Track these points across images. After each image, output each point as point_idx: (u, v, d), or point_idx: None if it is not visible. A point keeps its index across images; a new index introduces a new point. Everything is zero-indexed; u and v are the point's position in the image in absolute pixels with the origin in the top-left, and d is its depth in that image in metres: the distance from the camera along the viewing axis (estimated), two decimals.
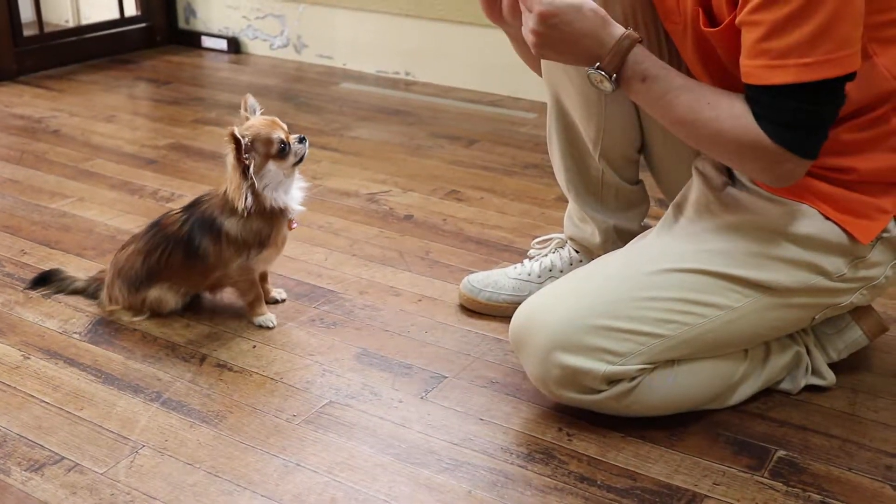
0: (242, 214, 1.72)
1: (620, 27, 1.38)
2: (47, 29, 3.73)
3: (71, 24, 4.16)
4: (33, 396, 1.60)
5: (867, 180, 1.44)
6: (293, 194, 1.78)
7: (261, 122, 1.72)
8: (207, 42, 3.97)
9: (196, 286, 1.85)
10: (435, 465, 1.44)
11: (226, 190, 1.74)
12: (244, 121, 1.74)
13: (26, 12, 3.63)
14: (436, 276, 2.03)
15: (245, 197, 1.70)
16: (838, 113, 1.33)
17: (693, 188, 1.55)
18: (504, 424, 1.54)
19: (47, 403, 1.58)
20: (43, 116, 3.10)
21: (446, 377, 1.66)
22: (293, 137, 1.73)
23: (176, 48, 3.98)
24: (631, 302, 1.44)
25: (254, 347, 1.76)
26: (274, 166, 1.72)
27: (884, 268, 1.50)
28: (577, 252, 1.87)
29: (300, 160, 1.75)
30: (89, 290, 1.90)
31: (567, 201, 1.87)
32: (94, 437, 1.50)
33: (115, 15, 3.89)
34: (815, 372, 1.61)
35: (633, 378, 1.45)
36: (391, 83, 3.51)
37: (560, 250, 1.89)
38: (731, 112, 1.34)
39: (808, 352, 1.61)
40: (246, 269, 1.79)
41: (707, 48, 1.42)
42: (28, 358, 1.71)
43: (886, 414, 1.56)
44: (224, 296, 1.90)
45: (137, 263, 1.80)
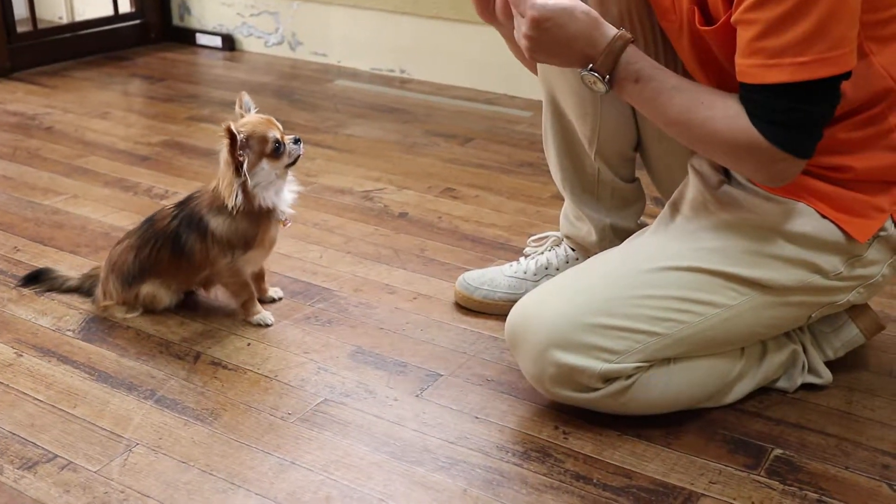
0: (231, 212, 1.71)
1: (613, 28, 1.37)
2: (41, 25, 3.72)
3: (65, 21, 4.15)
4: (26, 394, 1.59)
5: (864, 179, 1.43)
6: (284, 196, 1.77)
7: (257, 120, 1.71)
8: (202, 39, 3.96)
9: (186, 283, 1.84)
10: (430, 464, 1.43)
11: (215, 187, 1.73)
12: (239, 118, 1.73)
13: (20, 9, 3.62)
14: (431, 274, 2.02)
15: (236, 194, 1.69)
16: (834, 112, 1.33)
17: (689, 186, 1.55)
18: (500, 423, 1.53)
19: (40, 401, 1.57)
20: (36, 113, 3.09)
21: (442, 375, 1.66)
22: (288, 138, 1.72)
23: (170, 45, 3.97)
24: (627, 300, 1.44)
25: (248, 345, 1.75)
26: (267, 165, 1.71)
27: (880, 266, 1.50)
28: (573, 250, 1.87)
29: (294, 161, 1.74)
30: (83, 288, 1.90)
31: (563, 199, 1.87)
32: (88, 435, 1.49)
33: (109, 12, 3.88)
34: (812, 370, 1.61)
35: (630, 376, 1.44)
36: (386, 81, 3.50)
37: (556, 248, 1.89)
38: (726, 112, 1.34)
39: (805, 350, 1.60)
40: (234, 271, 1.78)
41: (703, 46, 1.42)
42: (21, 355, 1.70)
43: (883, 412, 1.56)
44: (218, 294, 1.89)
45: (129, 258, 1.79)
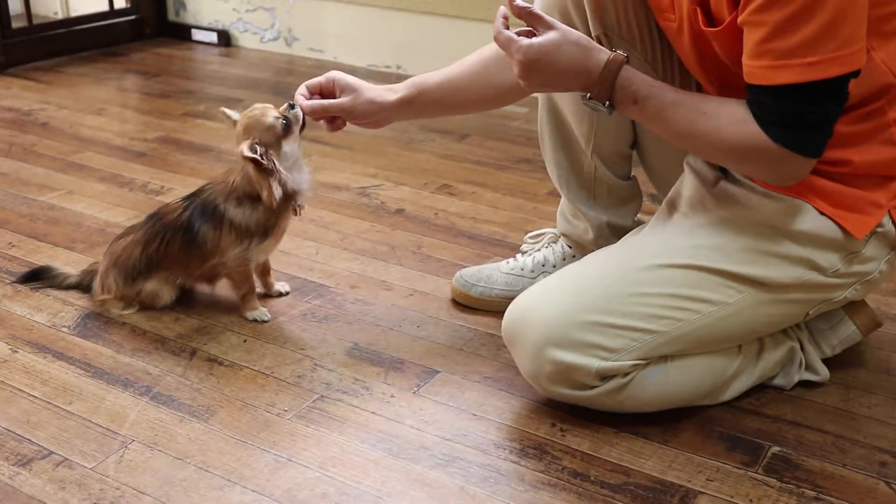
0: (273, 207, 1.69)
1: (605, 52, 1.38)
2: (36, 21, 3.71)
3: (60, 17, 4.13)
4: (21, 390, 1.58)
5: (861, 173, 1.43)
6: (304, 174, 1.76)
7: (251, 117, 1.70)
8: (197, 35, 3.95)
9: (192, 274, 1.83)
10: (427, 461, 1.43)
11: (233, 180, 1.72)
12: (233, 125, 1.72)
13: (15, 4, 3.60)
14: (428, 271, 2.02)
15: (277, 192, 1.68)
16: (842, 111, 1.32)
17: (686, 184, 1.54)
18: (497, 420, 1.53)
19: (35, 397, 1.57)
20: (31, 109, 3.08)
21: (439, 372, 1.65)
22: (283, 108, 1.72)
23: (166, 41, 3.96)
24: (624, 298, 1.44)
25: (244, 342, 1.75)
26: (287, 145, 1.71)
27: (877, 263, 1.49)
28: (570, 248, 1.87)
29: (303, 126, 1.73)
30: (83, 284, 1.89)
31: (559, 196, 1.87)
32: (83, 432, 1.48)
33: (105, 7, 3.87)
34: (809, 367, 1.61)
35: (627, 374, 1.44)
36: (382, 77, 3.49)
37: (553, 245, 1.89)
38: (731, 119, 1.34)
39: (802, 347, 1.60)
40: (243, 260, 1.78)
41: (704, 46, 1.42)
42: (16, 352, 1.70)
43: (880, 410, 1.56)
44: (217, 289, 1.89)
45: (136, 253, 1.78)
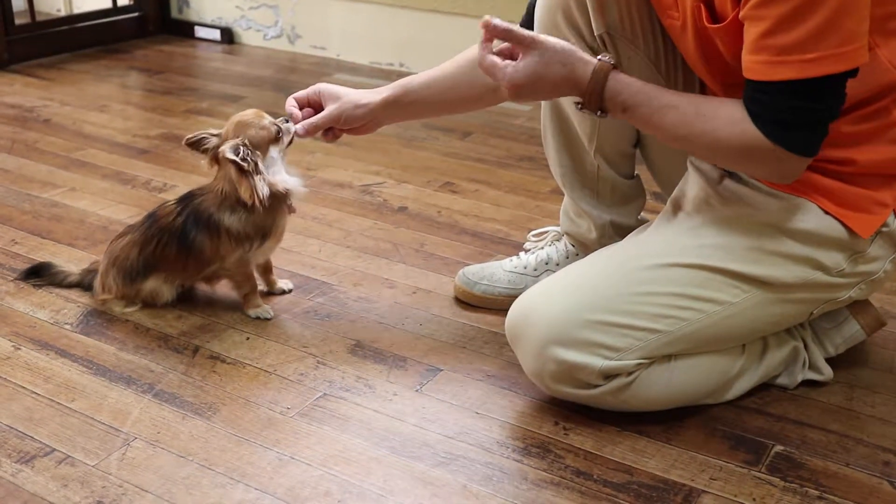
0: (260, 209, 1.70)
1: (591, 62, 1.38)
2: (39, 18, 3.71)
3: (63, 13, 4.13)
4: (24, 388, 1.58)
5: (866, 172, 1.43)
6: (293, 177, 1.77)
7: (245, 118, 1.71)
8: (200, 32, 3.95)
9: (191, 278, 1.84)
10: (430, 459, 1.43)
11: (222, 188, 1.72)
12: (218, 138, 1.72)
13: (18, 1, 3.60)
14: (430, 269, 2.02)
15: (261, 192, 1.68)
16: (840, 110, 1.32)
17: (690, 183, 1.54)
18: (500, 418, 1.53)
19: (38, 395, 1.57)
20: (34, 105, 3.08)
21: (441, 370, 1.65)
22: (279, 119, 1.74)
23: (169, 38, 3.96)
24: (628, 297, 1.44)
25: (247, 339, 1.74)
26: (275, 151, 1.72)
27: (882, 262, 1.49)
28: (574, 246, 1.86)
29: (290, 141, 1.75)
30: (84, 283, 1.89)
31: (562, 194, 1.86)
32: (86, 429, 1.48)
33: (108, 4, 3.87)
34: (813, 367, 1.60)
35: (630, 373, 1.44)
36: (385, 74, 3.49)
37: (556, 243, 1.88)
38: (727, 119, 1.34)
39: (806, 346, 1.60)
40: (244, 262, 1.78)
41: (709, 44, 1.41)
42: (19, 349, 1.70)
43: (884, 409, 1.55)
44: (218, 288, 1.89)
45: (133, 254, 1.78)
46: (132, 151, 2.69)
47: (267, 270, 1.89)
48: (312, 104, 1.71)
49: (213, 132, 1.74)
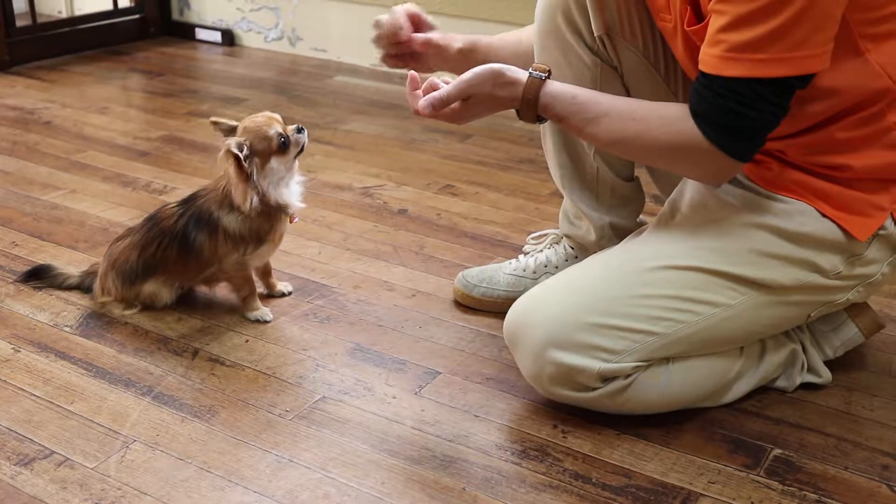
0: (249, 214, 1.70)
1: (521, 80, 1.42)
2: (40, 20, 3.71)
3: (64, 15, 4.14)
4: (24, 390, 1.59)
5: (863, 177, 1.43)
6: (293, 189, 1.77)
7: (255, 122, 1.70)
8: (201, 34, 3.95)
9: (191, 280, 1.84)
10: (428, 462, 1.43)
11: (224, 186, 1.73)
12: (228, 132, 1.71)
13: (19, 3, 3.60)
14: (430, 271, 2.02)
15: (251, 200, 1.68)
16: (779, 122, 1.34)
17: (689, 185, 1.54)
18: (498, 421, 1.53)
19: (38, 397, 1.57)
20: (35, 107, 3.08)
21: (440, 373, 1.65)
22: (291, 128, 1.72)
23: (170, 40, 3.96)
24: (626, 299, 1.44)
25: (246, 342, 1.75)
26: (276, 162, 1.71)
27: (880, 265, 1.49)
28: (573, 248, 1.86)
29: (301, 150, 1.74)
30: (84, 286, 1.89)
31: (562, 197, 1.86)
32: (85, 432, 1.48)
33: (109, 6, 3.87)
34: (811, 370, 1.60)
35: (628, 376, 1.44)
36: (385, 76, 3.49)
37: (556, 246, 1.89)
38: (662, 120, 1.37)
39: (804, 349, 1.60)
40: (241, 265, 1.78)
41: (694, 46, 1.42)
42: (18, 351, 1.70)
43: (882, 412, 1.55)
44: (218, 290, 1.89)
45: (133, 257, 1.78)
46: (133, 153, 2.69)
47: (266, 273, 1.89)
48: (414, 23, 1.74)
49: (235, 124, 1.74)
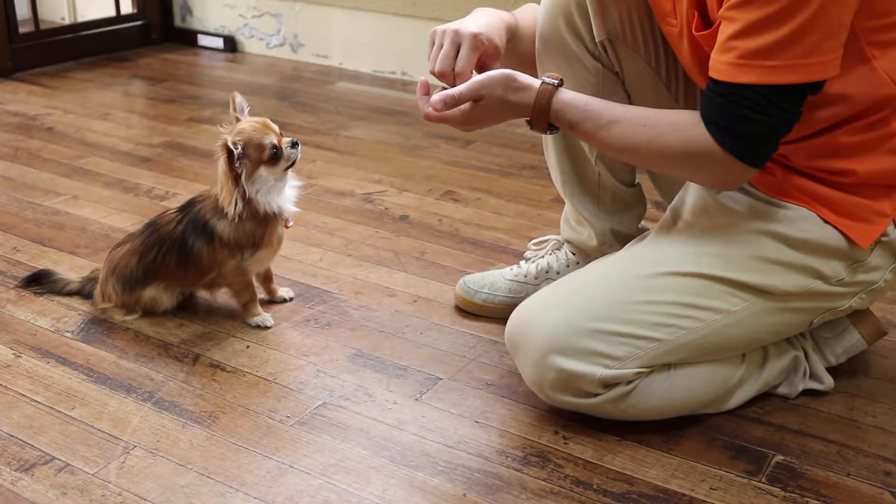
0: (234, 219, 1.71)
1: (534, 86, 1.42)
2: (43, 26, 3.71)
3: (67, 22, 4.14)
4: (24, 395, 1.58)
5: (866, 183, 1.43)
6: (286, 195, 1.77)
7: (252, 127, 1.70)
8: (203, 40, 3.95)
9: (191, 286, 1.84)
10: (429, 468, 1.42)
11: (218, 193, 1.73)
12: (233, 121, 1.72)
13: (22, 9, 3.61)
14: (431, 277, 2.02)
15: (235, 203, 1.69)
16: (792, 127, 1.33)
17: (690, 191, 1.54)
18: (499, 427, 1.52)
19: (38, 403, 1.57)
20: (38, 114, 3.08)
21: (441, 379, 1.65)
22: (285, 141, 1.71)
23: (172, 46, 3.97)
24: (628, 305, 1.43)
25: (247, 347, 1.74)
26: (265, 171, 1.70)
27: (883, 272, 1.49)
28: (574, 254, 1.86)
29: (291, 164, 1.74)
30: (84, 291, 1.89)
31: (564, 203, 1.86)
32: (86, 437, 1.48)
33: (112, 13, 3.87)
34: (814, 376, 1.60)
35: (630, 382, 1.44)
36: (387, 83, 3.50)
37: (557, 252, 1.88)
38: (674, 126, 1.37)
39: (807, 356, 1.60)
40: (241, 271, 1.78)
41: (702, 51, 1.42)
42: (19, 356, 1.70)
43: (885, 419, 1.55)
44: (219, 296, 1.89)
45: (133, 263, 1.78)
46: (135, 159, 2.69)
47: (267, 279, 1.89)
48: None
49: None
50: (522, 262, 1.91)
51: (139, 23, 3.93)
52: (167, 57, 3.83)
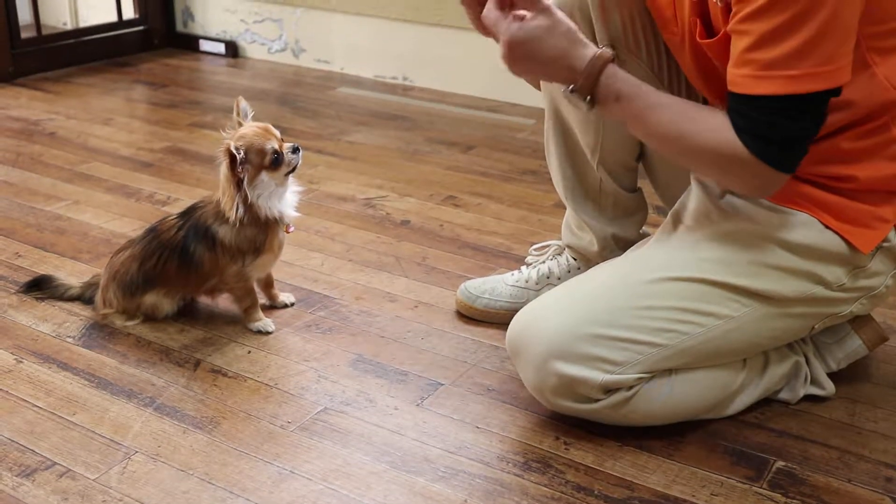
0: (235, 224, 1.71)
1: (592, 47, 1.37)
2: (45, 31, 3.72)
3: (69, 27, 4.15)
4: (26, 401, 1.59)
5: (867, 189, 1.43)
6: (287, 200, 1.77)
7: (253, 132, 1.70)
8: (205, 45, 3.96)
9: (192, 292, 1.85)
10: (430, 474, 1.42)
11: (219, 199, 1.73)
12: (236, 125, 1.72)
13: (24, 14, 3.61)
14: (432, 283, 2.02)
15: (237, 208, 1.69)
16: (819, 129, 1.33)
17: (692, 197, 1.54)
18: (500, 433, 1.52)
19: (40, 408, 1.57)
20: (39, 119, 3.09)
21: (442, 384, 1.65)
22: (287, 147, 1.72)
23: (173, 51, 3.97)
24: (629, 311, 1.43)
25: (248, 353, 1.74)
26: (267, 177, 1.71)
27: (883, 277, 1.49)
28: (575, 260, 1.86)
29: (293, 170, 1.74)
30: (85, 297, 1.89)
31: (565, 208, 1.86)
32: (87, 443, 1.48)
33: (113, 18, 3.88)
34: (815, 382, 1.60)
35: (631, 387, 1.44)
36: (389, 88, 3.50)
37: (558, 257, 1.88)
38: (711, 125, 1.34)
39: (808, 361, 1.60)
40: (242, 276, 1.78)
41: (705, 59, 1.42)
42: (21, 362, 1.70)
43: (886, 425, 1.55)
44: (220, 301, 1.89)
45: (133, 268, 1.79)
46: (136, 165, 2.69)
47: (268, 284, 1.89)
48: None
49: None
50: (523, 268, 1.91)
51: (141, 28, 3.94)
52: (169, 62, 3.83)
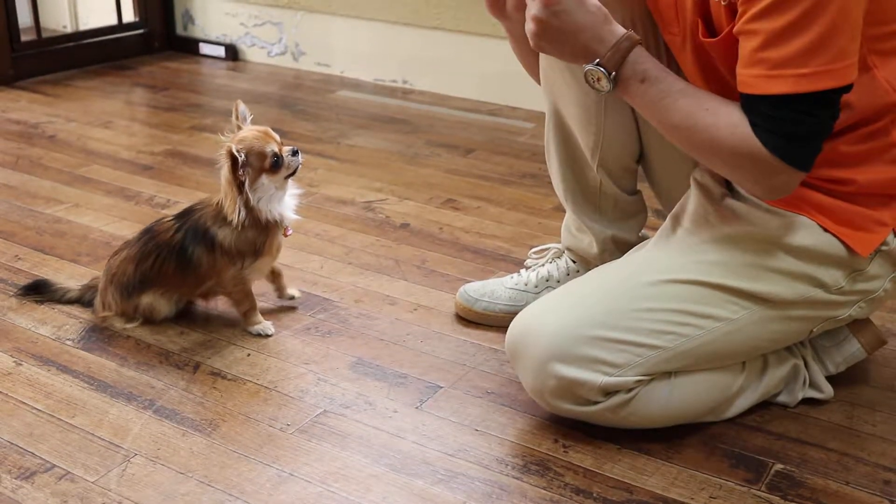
0: (237, 227, 1.72)
1: (622, 27, 1.37)
2: (45, 34, 3.72)
3: (69, 30, 4.15)
4: (25, 403, 1.59)
5: (866, 192, 1.43)
6: (286, 203, 1.77)
7: (253, 136, 1.71)
8: (205, 49, 3.96)
9: (189, 294, 1.84)
10: (429, 476, 1.42)
11: (219, 201, 1.74)
12: (236, 129, 1.73)
13: (24, 17, 3.62)
14: (432, 286, 2.02)
15: (239, 211, 1.70)
16: (833, 126, 1.32)
17: (691, 199, 1.54)
18: (499, 435, 1.53)
19: (39, 410, 1.57)
20: (39, 122, 3.09)
21: (442, 387, 1.65)
22: (286, 150, 1.72)
23: (173, 55, 3.98)
24: (628, 313, 1.44)
25: (248, 356, 1.75)
26: (267, 180, 1.71)
27: (882, 281, 1.49)
28: (574, 262, 1.86)
29: (293, 173, 1.74)
30: (84, 300, 1.89)
31: (564, 211, 1.87)
32: (86, 445, 1.48)
33: (113, 21, 3.88)
34: (813, 385, 1.60)
35: (630, 390, 1.44)
36: (388, 91, 3.50)
37: (557, 260, 1.89)
38: (730, 120, 1.33)
39: (806, 364, 1.60)
40: (240, 279, 1.78)
41: (706, 59, 1.42)
42: (20, 364, 1.70)
43: (884, 427, 1.55)
44: (218, 304, 1.89)
45: (130, 270, 1.79)
46: (136, 167, 2.70)
47: (277, 278, 1.90)
48: None
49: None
50: (523, 271, 1.91)
51: (141, 31, 3.94)
52: (169, 65, 3.84)
